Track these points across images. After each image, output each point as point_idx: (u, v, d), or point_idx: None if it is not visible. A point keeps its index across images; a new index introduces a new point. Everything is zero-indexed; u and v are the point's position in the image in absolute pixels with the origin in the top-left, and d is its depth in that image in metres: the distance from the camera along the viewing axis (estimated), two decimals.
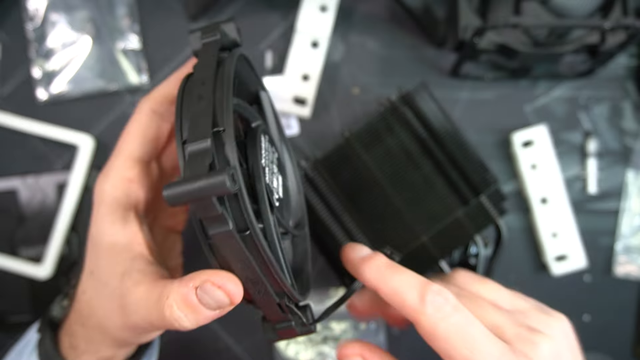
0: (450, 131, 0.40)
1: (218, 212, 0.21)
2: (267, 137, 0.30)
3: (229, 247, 0.22)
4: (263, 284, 0.24)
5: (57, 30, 0.48)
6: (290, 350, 0.47)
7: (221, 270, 0.24)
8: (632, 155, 0.49)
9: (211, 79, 0.24)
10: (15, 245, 0.46)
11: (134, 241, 0.28)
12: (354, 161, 0.41)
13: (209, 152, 0.21)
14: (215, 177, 0.20)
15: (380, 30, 0.49)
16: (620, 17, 0.43)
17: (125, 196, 0.29)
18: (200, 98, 0.23)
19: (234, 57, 0.25)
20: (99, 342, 0.30)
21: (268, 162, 0.28)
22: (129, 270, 0.27)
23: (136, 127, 0.31)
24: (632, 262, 0.48)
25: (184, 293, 0.24)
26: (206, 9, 0.48)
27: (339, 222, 0.41)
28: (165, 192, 0.20)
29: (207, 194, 0.20)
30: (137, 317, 0.26)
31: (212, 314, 0.25)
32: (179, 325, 0.25)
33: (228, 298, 0.24)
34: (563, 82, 0.49)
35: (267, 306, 0.25)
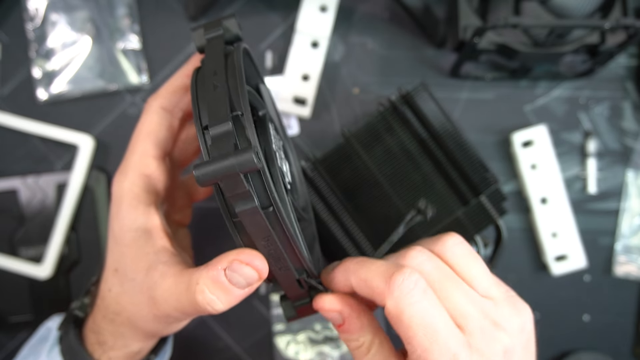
0: (450, 131, 0.40)
1: (245, 188, 0.22)
2: (273, 124, 0.31)
3: (254, 224, 0.23)
4: (284, 259, 0.25)
5: (57, 30, 0.48)
6: (290, 350, 0.47)
7: (246, 248, 0.25)
8: (632, 155, 0.49)
9: (222, 69, 0.25)
10: (15, 245, 0.46)
11: (157, 235, 0.29)
12: (354, 161, 0.41)
13: (231, 134, 0.22)
14: (243, 154, 0.21)
15: (380, 30, 0.49)
16: (620, 17, 0.43)
17: (144, 192, 0.30)
18: (214, 87, 0.24)
19: (240, 48, 0.27)
20: (129, 337, 0.31)
21: (277, 148, 0.29)
22: (154, 264, 0.28)
23: (148, 125, 0.31)
24: (632, 262, 0.48)
25: (214, 276, 0.25)
26: (206, 9, 0.48)
27: (339, 221, 0.41)
28: (195, 172, 0.22)
29: (236, 171, 0.21)
30: (167, 307, 0.27)
31: (242, 293, 0.26)
32: (211, 308, 0.26)
33: (256, 273, 0.25)
34: (563, 82, 0.49)
35: (287, 282, 0.26)
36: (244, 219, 0.23)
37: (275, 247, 0.24)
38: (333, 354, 0.47)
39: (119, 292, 0.30)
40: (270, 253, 0.25)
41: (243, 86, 0.24)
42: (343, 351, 0.47)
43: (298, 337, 0.48)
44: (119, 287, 0.30)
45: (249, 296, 0.51)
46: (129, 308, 0.29)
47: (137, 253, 0.29)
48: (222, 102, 0.23)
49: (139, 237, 0.29)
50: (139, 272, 0.28)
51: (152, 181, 0.30)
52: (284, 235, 0.24)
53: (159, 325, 0.30)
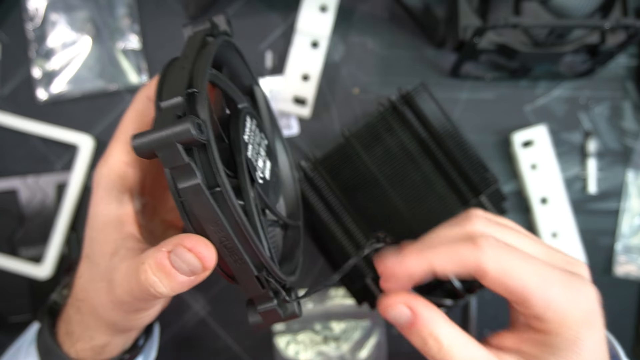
0: (450, 131, 0.40)
1: (184, 161, 0.21)
2: (254, 121, 0.30)
3: (199, 204, 0.22)
4: (238, 250, 0.23)
5: (57, 30, 0.48)
6: (290, 350, 0.47)
7: (193, 234, 0.23)
8: (632, 155, 0.49)
9: (194, 54, 0.25)
10: (15, 245, 0.46)
11: (126, 221, 0.29)
12: (354, 161, 0.41)
13: (180, 107, 0.22)
14: (180, 124, 0.21)
15: (380, 30, 0.49)
16: (620, 17, 0.43)
17: (120, 179, 0.29)
18: (181, 68, 0.24)
19: (219, 38, 0.27)
20: (93, 327, 0.30)
21: (253, 142, 0.28)
22: (118, 249, 0.28)
23: (132, 114, 0.31)
24: (632, 262, 0.48)
25: (158, 257, 0.24)
26: (206, 9, 0.48)
27: (339, 221, 0.41)
28: (133, 141, 0.21)
29: (171, 140, 0.21)
30: (121, 291, 0.26)
31: (186, 280, 0.24)
32: (154, 291, 0.25)
33: (200, 262, 0.23)
34: (563, 82, 0.49)
35: (244, 278, 0.24)
36: (188, 197, 0.22)
37: (227, 234, 0.23)
38: (333, 354, 0.47)
39: (87, 279, 0.30)
40: (222, 242, 0.23)
41: (205, 66, 0.24)
42: (343, 351, 0.47)
43: (298, 337, 0.48)
44: (87, 273, 0.30)
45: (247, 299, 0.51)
46: (92, 295, 0.29)
47: (105, 238, 0.28)
48: (180, 79, 0.23)
49: (109, 222, 0.29)
50: (104, 257, 0.28)
51: (130, 169, 0.30)
52: (235, 223, 0.23)
53: (116, 313, 0.28)
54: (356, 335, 0.48)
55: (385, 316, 0.27)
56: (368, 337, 0.48)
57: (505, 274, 0.25)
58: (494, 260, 0.25)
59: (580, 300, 0.25)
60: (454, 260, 0.25)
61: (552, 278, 0.25)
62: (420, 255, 0.26)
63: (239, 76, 0.33)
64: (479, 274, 0.25)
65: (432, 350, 0.26)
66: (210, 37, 0.28)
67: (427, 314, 0.26)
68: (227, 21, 0.29)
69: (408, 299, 0.26)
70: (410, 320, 0.26)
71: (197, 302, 0.48)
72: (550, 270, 0.25)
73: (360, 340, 0.48)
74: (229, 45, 0.29)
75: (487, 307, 0.48)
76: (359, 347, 0.48)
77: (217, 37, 0.27)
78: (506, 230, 0.27)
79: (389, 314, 0.26)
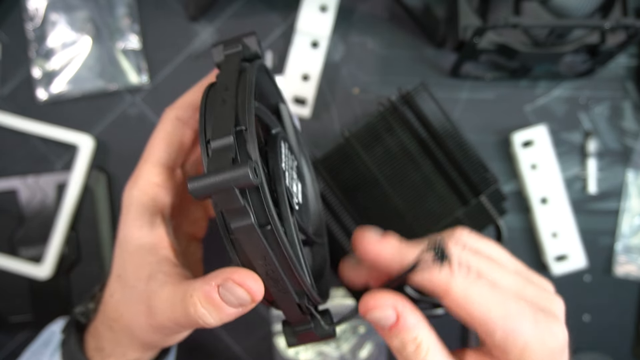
0: (450, 131, 0.40)
1: (240, 204, 0.21)
2: (286, 144, 0.30)
3: (250, 241, 0.23)
4: (283, 281, 0.24)
5: (57, 30, 0.48)
6: (290, 350, 0.47)
7: (242, 268, 0.24)
8: (632, 155, 0.49)
9: (234, 84, 0.25)
10: (15, 245, 0.46)
11: (160, 245, 0.29)
12: (354, 161, 0.41)
13: (232, 148, 0.22)
14: (238, 169, 0.21)
15: (380, 30, 0.49)
16: (620, 17, 0.43)
17: (152, 201, 0.30)
18: (223, 102, 0.24)
19: (255, 65, 0.27)
20: (126, 345, 0.30)
21: (288, 168, 0.29)
22: (154, 273, 0.28)
23: (162, 135, 0.31)
24: (632, 262, 0.48)
25: (207, 291, 0.25)
26: (206, 9, 0.48)
27: (339, 222, 0.41)
28: (190, 184, 0.21)
29: (230, 185, 0.21)
30: (163, 318, 0.27)
31: (234, 312, 0.25)
32: (203, 322, 0.25)
33: (249, 295, 0.24)
34: (563, 82, 0.49)
35: (287, 306, 0.25)
36: (240, 235, 0.22)
37: (274, 268, 0.23)
38: (333, 354, 0.47)
39: (120, 299, 0.30)
40: (268, 274, 0.24)
41: (250, 102, 0.24)
42: (343, 351, 0.47)
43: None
44: (120, 293, 0.30)
45: None
46: (127, 316, 0.29)
47: (139, 261, 0.29)
48: (227, 116, 0.23)
49: (142, 245, 0.29)
50: (140, 280, 0.28)
51: (161, 191, 0.30)
52: (283, 257, 0.23)
53: (155, 335, 0.29)
54: (356, 335, 0.48)
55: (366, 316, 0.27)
56: (368, 337, 0.48)
57: (468, 302, 0.25)
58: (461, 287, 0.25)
59: (546, 337, 0.25)
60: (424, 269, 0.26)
61: (518, 311, 0.25)
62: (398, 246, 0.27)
63: (266, 95, 0.32)
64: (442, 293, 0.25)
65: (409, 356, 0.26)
66: (244, 60, 0.28)
67: (412, 319, 0.26)
68: (258, 42, 0.29)
69: (395, 301, 0.26)
70: (393, 322, 0.26)
71: None
72: (517, 303, 0.25)
73: (360, 340, 0.48)
74: (262, 68, 0.29)
75: None
76: (359, 347, 0.48)
77: (252, 63, 0.27)
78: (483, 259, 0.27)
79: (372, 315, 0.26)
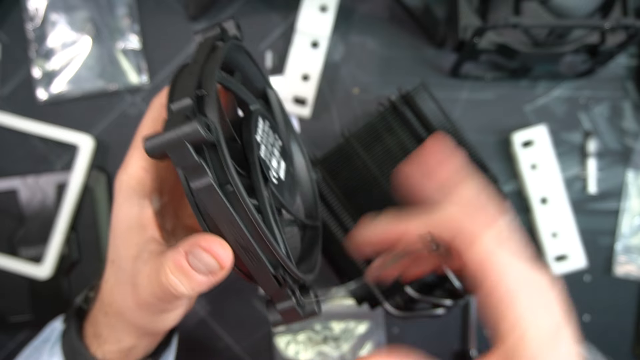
0: (450, 131, 0.40)
1: (195, 160, 0.21)
2: (267, 122, 0.31)
3: (212, 203, 0.22)
4: (254, 249, 0.23)
5: (57, 30, 0.48)
6: (290, 350, 0.47)
7: (210, 234, 0.24)
8: (632, 155, 0.49)
9: (203, 58, 0.25)
10: (15, 245, 0.46)
11: (147, 225, 0.30)
12: (354, 161, 0.41)
13: (189, 109, 0.22)
14: (188, 124, 0.21)
15: (380, 30, 0.49)
16: (620, 17, 0.43)
17: (139, 185, 0.30)
18: (190, 73, 0.25)
19: (228, 42, 0.27)
20: (120, 330, 0.31)
21: (266, 143, 0.29)
22: (141, 252, 0.28)
23: (148, 121, 0.32)
24: (632, 262, 0.48)
25: (176, 259, 0.25)
26: (206, 9, 0.48)
27: (339, 221, 0.41)
28: (144, 143, 0.22)
29: (181, 141, 0.21)
30: (145, 293, 0.27)
31: (205, 280, 0.25)
32: (175, 291, 0.25)
33: (216, 262, 0.24)
34: (563, 82, 0.49)
35: (262, 278, 0.25)
36: (201, 196, 0.22)
37: (241, 233, 0.23)
38: (333, 354, 0.47)
39: (113, 283, 0.30)
40: (238, 241, 0.23)
41: (214, 69, 0.24)
42: (343, 351, 0.47)
43: (298, 337, 0.48)
44: (113, 278, 0.30)
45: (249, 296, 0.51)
46: (118, 298, 0.30)
47: (128, 243, 0.29)
48: (189, 82, 0.24)
49: (131, 227, 0.29)
50: (128, 261, 0.29)
51: (148, 174, 0.31)
52: (250, 221, 0.23)
53: (143, 316, 0.29)
54: (356, 335, 0.48)
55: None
56: (368, 337, 0.48)
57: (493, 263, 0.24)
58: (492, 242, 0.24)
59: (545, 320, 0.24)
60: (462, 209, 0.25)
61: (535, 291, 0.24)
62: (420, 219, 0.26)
63: (252, 80, 0.33)
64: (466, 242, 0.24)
65: None
66: (220, 41, 0.28)
67: None
68: (237, 26, 0.29)
69: None
70: None
71: (197, 302, 0.48)
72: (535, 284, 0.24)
73: (360, 340, 0.48)
74: (239, 49, 0.30)
75: None
76: (359, 347, 0.48)
77: (226, 42, 0.28)
78: None
79: None
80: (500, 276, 0.24)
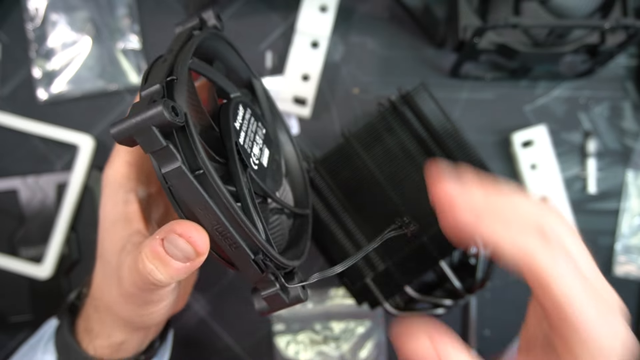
0: (450, 131, 0.40)
1: (162, 144, 0.21)
2: (248, 109, 0.30)
3: (184, 187, 0.22)
4: (232, 235, 0.23)
5: (57, 30, 0.48)
6: (290, 350, 0.47)
7: (185, 220, 0.24)
8: (632, 155, 0.49)
9: (178, 47, 0.25)
10: (15, 245, 0.46)
11: (133, 218, 0.30)
12: (354, 161, 0.41)
13: (157, 93, 0.22)
14: (153, 107, 0.21)
15: (380, 30, 0.49)
16: (620, 17, 0.43)
17: (125, 179, 0.30)
18: (164, 61, 0.25)
19: (204, 31, 0.27)
20: (110, 325, 0.31)
21: (247, 130, 0.28)
22: (125, 244, 0.28)
23: None
24: (632, 262, 0.48)
25: (152, 245, 0.24)
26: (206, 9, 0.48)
27: (339, 222, 0.41)
28: (111, 130, 0.21)
29: (147, 124, 0.21)
30: (127, 284, 0.27)
31: (182, 266, 0.25)
32: (153, 278, 0.25)
33: (192, 248, 0.24)
34: (563, 82, 0.49)
35: (242, 263, 0.24)
36: (173, 181, 0.22)
37: (217, 218, 0.22)
38: (333, 353, 0.47)
39: (101, 277, 0.30)
40: (214, 227, 0.23)
41: (186, 56, 0.24)
42: (343, 351, 0.47)
43: (298, 337, 0.48)
44: (101, 272, 0.30)
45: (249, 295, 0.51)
46: (105, 292, 0.30)
47: (114, 237, 0.29)
48: (160, 70, 0.24)
49: (117, 221, 0.29)
50: (114, 254, 0.29)
51: (133, 167, 0.31)
52: (224, 205, 0.22)
53: (128, 308, 0.29)
54: (356, 335, 0.48)
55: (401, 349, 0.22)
56: (368, 337, 0.48)
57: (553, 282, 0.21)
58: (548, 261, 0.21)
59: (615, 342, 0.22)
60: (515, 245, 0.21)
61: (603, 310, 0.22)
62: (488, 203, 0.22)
63: (236, 70, 0.33)
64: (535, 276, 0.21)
65: None
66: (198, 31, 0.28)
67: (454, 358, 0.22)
68: (216, 16, 0.29)
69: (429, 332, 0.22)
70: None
71: (197, 302, 0.48)
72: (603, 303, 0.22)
73: (360, 340, 0.48)
74: (219, 38, 0.29)
75: (487, 307, 0.48)
76: (359, 347, 0.48)
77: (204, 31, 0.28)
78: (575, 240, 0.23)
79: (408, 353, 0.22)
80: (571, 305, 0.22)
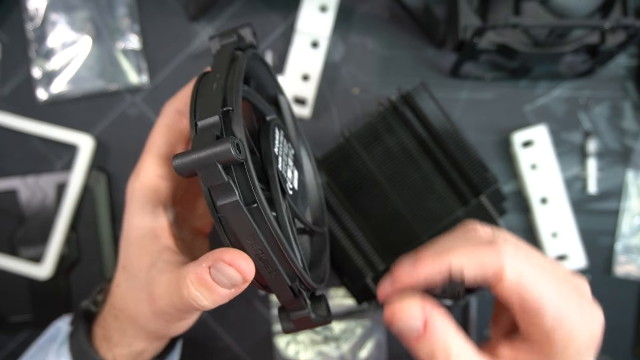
0: (450, 131, 0.40)
1: (224, 180, 0.22)
2: (282, 132, 0.31)
3: (237, 219, 0.23)
4: (273, 262, 0.24)
5: (57, 30, 0.48)
6: (290, 350, 0.47)
7: (232, 248, 0.24)
8: (632, 155, 0.49)
9: (225, 70, 0.26)
10: (15, 245, 0.46)
11: (162, 234, 0.30)
12: (354, 161, 0.41)
13: (217, 126, 0.23)
14: (220, 144, 0.21)
15: (380, 30, 0.49)
16: (620, 17, 0.43)
17: (153, 192, 0.30)
18: (213, 86, 0.25)
19: (247, 53, 0.27)
20: (132, 335, 0.31)
21: (282, 154, 0.29)
22: (155, 261, 0.28)
23: (162, 127, 0.32)
24: (632, 262, 0.48)
25: (199, 273, 0.25)
26: (206, 9, 0.48)
27: (339, 222, 0.41)
28: (174, 161, 0.22)
29: (212, 161, 0.21)
30: (162, 304, 0.27)
31: (227, 292, 0.25)
32: (197, 305, 0.25)
33: (240, 275, 0.24)
34: (563, 82, 0.49)
35: (279, 288, 0.25)
36: (226, 213, 0.23)
37: (262, 247, 0.24)
38: (333, 354, 0.47)
39: (125, 289, 0.30)
40: (258, 254, 0.24)
41: (238, 84, 0.24)
42: (343, 351, 0.47)
43: (298, 337, 0.48)
44: (124, 283, 0.30)
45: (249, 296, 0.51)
46: (131, 305, 0.30)
47: (142, 251, 0.29)
48: (215, 98, 0.24)
49: (144, 235, 0.29)
50: (142, 269, 0.29)
51: (163, 182, 0.31)
52: (271, 236, 0.23)
53: (157, 323, 0.30)
54: (356, 335, 0.48)
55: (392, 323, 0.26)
56: (368, 337, 0.48)
57: (523, 282, 0.24)
58: (514, 266, 0.24)
59: (590, 323, 0.25)
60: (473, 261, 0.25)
61: (567, 295, 0.24)
62: (438, 257, 0.26)
63: (264, 86, 0.33)
64: (496, 278, 0.24)
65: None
66: (239, 50, 0.28)
67: (440, 324, 0.25)
68: (253, 33, 0.29)
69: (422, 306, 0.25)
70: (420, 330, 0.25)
71: None
72: (566, 286, 0.25)
73: (360, 340, 0.48)
74: (256, 57, 0.30)
75: (487, 307, 0.48)
76: (359, 347, 0.48)
77: (245, 51, 0.28)
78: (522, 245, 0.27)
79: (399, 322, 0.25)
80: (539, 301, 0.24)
